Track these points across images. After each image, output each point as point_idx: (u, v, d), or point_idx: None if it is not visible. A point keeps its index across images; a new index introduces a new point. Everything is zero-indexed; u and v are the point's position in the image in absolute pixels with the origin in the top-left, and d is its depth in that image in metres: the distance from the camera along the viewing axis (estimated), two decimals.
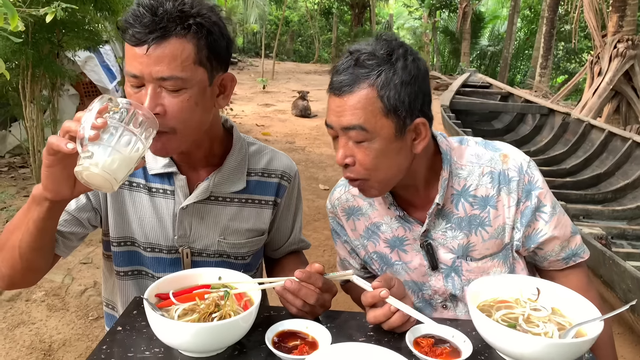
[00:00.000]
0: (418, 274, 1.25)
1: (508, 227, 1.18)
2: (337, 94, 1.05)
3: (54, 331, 2.58)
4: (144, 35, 0.96)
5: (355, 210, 1.28)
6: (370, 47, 1.05)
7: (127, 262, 1.23)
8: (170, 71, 0.97)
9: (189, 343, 0.93)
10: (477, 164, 1.18)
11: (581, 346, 0.93)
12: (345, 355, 0.93)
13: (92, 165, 0.84)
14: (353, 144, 1.07)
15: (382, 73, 1.02)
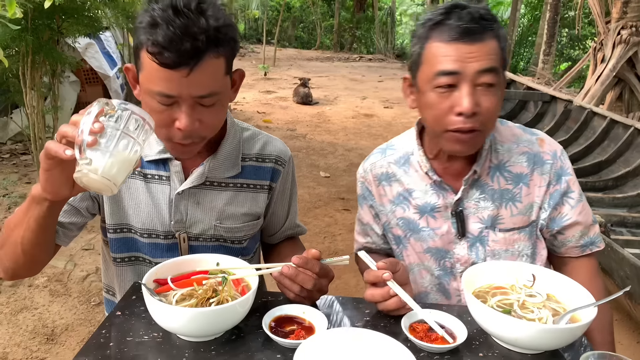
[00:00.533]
0: (444, 241, 1.29)
1: (536, 205, 1.25)
2: (466, 41, 1.08)
3: (56, 316, 2.61)
4: (183, 60, 0.95)
5: (389, 177, 1.32)
6: (478, 4, 1.12)
7: (124, 248, 1.24)
8: (209, 89, 1.01)
9: (186, 327, 0.95)
10: (515, 143, 1.25)
11: (574, 331, 0.95)
12: (341, 340, 0.94)
13: (92, 171, 0.84)
14: (481, 90, 1.10)
15: (499, 28, 1.11)
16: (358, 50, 20.40)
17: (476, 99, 1.09)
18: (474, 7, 1.10)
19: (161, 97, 1.00)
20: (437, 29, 1.11)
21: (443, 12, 1.11)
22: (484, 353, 1.00)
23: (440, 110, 1.12)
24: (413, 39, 1.17)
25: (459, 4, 1.11)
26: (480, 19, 1.08)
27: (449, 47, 1.09)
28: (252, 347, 0.98)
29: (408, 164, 1.30)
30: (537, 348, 0.98)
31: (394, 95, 10.12)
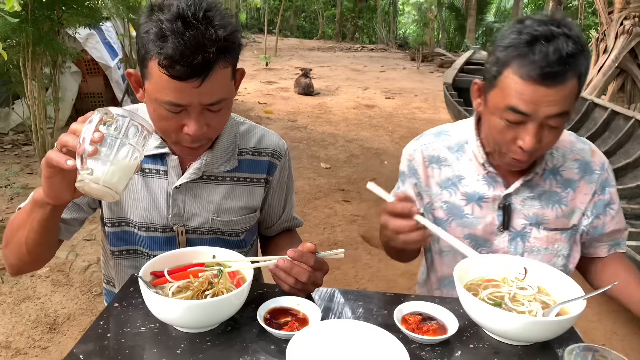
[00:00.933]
0: (485, 231, 1.31)
1: (579, 211, 1.30)
2: (544, 84, 1.04)
3: (58, 306, 2.64)
4: (194, 73, 0.96)
5: (440, 160, 1.34)
6: (560, 28, 1.04)
7: (121, 242, 1.26)
8: (218, 97, 1.03)
9: (182, 319, 0.97)
10: (569, 150, 1.29)
11: (563, 324, 0.96)
12: (333, 332, 0.96)
13: (93, 181, 0.86)
14: (547, 127, 1.10)
15: (584, 61, 1.05)
16: (360, 40, 20.30)
17: (540, 136, 1.10)
18: (562, 40, 1.02)
19: (171, 106, 1.02)
20: (518, 60, 1.05)
21: (528, 43, 1.04)
22: (475, 344, 1.02)
23: (503, 137, 1.14)
24: (491, 55, 1.13)
25: (546, 32, 1.03)
26: (568, 57, 1.02)
27: (526, 87, 1.05)
28: (247, 338, 1.00)
29: (462, 151, 1.32)
30: (526, 340, 1.00)
31: (395, 86, 10.09)
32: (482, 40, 19.51)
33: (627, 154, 4.54)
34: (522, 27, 1.07)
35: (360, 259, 3.39)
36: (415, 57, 13.60)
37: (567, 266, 1.33)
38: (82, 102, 5.88)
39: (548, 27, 1.04)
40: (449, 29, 20.16)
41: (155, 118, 1.07)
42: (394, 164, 5.40)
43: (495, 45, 1.12)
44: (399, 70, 12.58)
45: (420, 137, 1.39)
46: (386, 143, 6.14)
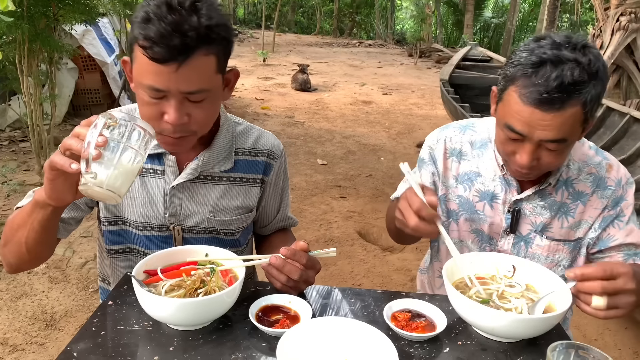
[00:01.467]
0: (492, 230, 1.33)
1: (586, 224, 1.30)
2: (541, 109, 1.04)
3: (55, 302, 2.66)
4: (172, 56, 0.97)
5: (461, 154, 1.35)
6: (572, 52, 1.02)
7: (118, 240, 1.28)
8: (197, 85, 1.02)
9: (174, 317, 0.98)
10: (586, 163, 1.28)
11: (548, 321, 0.98)
12: (323, 329, 0.97)
13: (96, 185, 0.88)
14: (544, 149, 1.10)
15: (592, 89, 1.03)
16: (358, 36, 20.28)
17: (537, 155, 1.11)
18: (569, 67, 1.01)
19: (151, 91, 1.02)
20: (522, 79, 1.06)
21: (534, 65, 1.04)
22: (463, 341, 1.03)
23: (504, 148, 1.17)
24: (503, 69, 1.13)
25: (555, 57, 1.02)
26: (570, 85, 1.01)
27: (524, 108, 1.05)
28: (239, 336, 1.02)
29: (484, 148, 1.32)
30: (513, 337, 1.02)
31: (392, 82, 10.10)
32: (480, 36, 19.51)
33: (622, 150, 4.56)
34: (534, 47, 1.06)
35: (356, 255, 3.41)
36: (413, 53, 13.59)
37: None
38: (79, 99, 5.88)
39: (560, 51, 1.02)
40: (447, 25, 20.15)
41: (139, 104, 1.08)
42: (391, 160, 5.43)
43: (509, 59, 1.12)
44: (396, 66, 12.58)
45: (446, 127, 1.39)
46: (383, 139, 6.15)
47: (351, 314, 1.12)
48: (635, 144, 4.39)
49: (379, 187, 4.62)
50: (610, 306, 0.96)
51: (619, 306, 0.97)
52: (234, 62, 11.12)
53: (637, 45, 6.38)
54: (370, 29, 21.07)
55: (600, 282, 0.95)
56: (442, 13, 19.43)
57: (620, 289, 0.95)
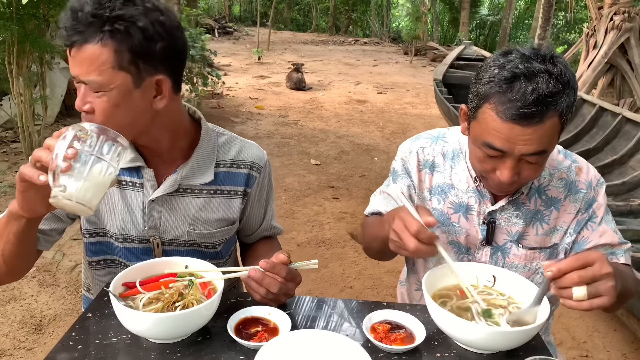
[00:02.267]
0: (468, 242, 1.32)
1: (561, 230, 1.29)
2: (521, 124, 1.02)
3: (44, 306, 2.65)
4: (67, 38, 1.00)
5: (434, 166, 1.33)
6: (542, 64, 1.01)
7: (99, 252, 1.27)
8: (87, 75, 1.01)
9: (151, 331, 0.98)
10: (556, 169, 1.28)
11: (525, 334, 0.98)
12: (301, 342, 0.97)
13: (66, 197, 0.87)
14: (525, 162, 1.09)
15: (566, 98, 1.02)
16: (354, 33, 20.25)
17: (518, 169, 1.10)
18: (542, 79, 1.00)
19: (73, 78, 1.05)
20: (497, 96, 1.03)
21: (507, 80, 1.02)
22: (442, 353, 1.04)
23: (482, 166, 1.14)
24: (473, 87, 1.11)
25: (527, 71, 1.01)
26: (547, 97, 0.99)
27: (502, 125, 1.03)
28: (217, 349, 1.01)
29: (457, 160, 1.31)
30: (491, 349, 1.02)
31: (387, 80, 10.10)
32: (476, 34, 19.51)
33: (614, 150, 4.57)
34: (504, 62, 1.04)
35: (347, 257, 3.41)
36: (408, 51, 13.59)
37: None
38: (72, 99, 5.85)
39: (531, 63, 1.01)
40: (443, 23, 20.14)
41: None
42: (384, 160, 5.43)
43: (478, 77, 1.09)
44: (391, 64, 12.58)
45: (417, 138, 1.37)
46: (377, 139, 6.16)
47: (332, 325, 1.12)
48: (628, 144, 4.40)
49: (372, 188, 4.62)
50: (592, 295, 0.93)
51: (601, 292, 0.94)
52: (229, 60, 11.10)
53: (631, 45, 6.40)
54: (366, 26, 21.05)
55: (577, 272, 0.93)
56: (438, 11, 19.42)
57: (598, 274, 0.93)
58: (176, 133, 1.20)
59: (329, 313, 1.17)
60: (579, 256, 0.95)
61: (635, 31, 6.34)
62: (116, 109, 1.05)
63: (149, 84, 1.07)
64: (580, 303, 0.94)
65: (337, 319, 1.14)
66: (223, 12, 19.64)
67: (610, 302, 0.95)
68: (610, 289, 0.94)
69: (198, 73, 6.28)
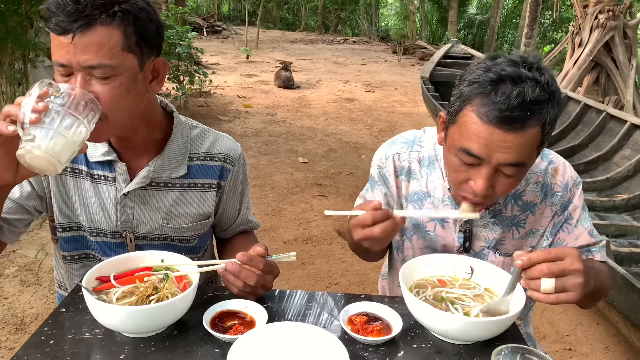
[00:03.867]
0: (445, 249, 1.31)
1: (538, 233, 1.28)
2: (502, 129, 0.98)
3: (26, 306, 2.62)
4: (68, 24, 0.95)
5: (410, 173, 1.30)
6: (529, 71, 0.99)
7: (73, 246, 1.25)
8: (98, 59, 0.97)
9: (125, 325, 0.97)
10: (532, 172, 1.24)
11: (501, 323, 0.98)
12: (277, 335, 0.97)
13: (35, 147, 0.85)
14: (502, 174, 1.05)
15: (550, 110, 0.99)
16: (343, 32, 20.26)
17: (493, 181, 1.05)
18: (529, 85, 0.97)
19: (57, 67, 1.00)
20: (480, 98, 1.00)
21: (493, 82, 0.99)
22: (418, 344, 1.03)
23: (457, 175, 1.10)
24: (456, 89, 1.07)
25: (514, 74, 0.98)
26: (531, 103, 0.96)
27: (483, 128, 0.99)
28: (193, 342, 1.00)
29: (432, 167, 1.28)
30: (466, 339, 1.02)
31: (376, 79, 10.11)
32: (464, 33, 19.61)
33: (598, 147, 4.61)
34: (491, 65, 1.01)
35: (334, 253, 3.41)
36: (397, 50, 13.62)
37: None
38: None
39: (518, 68, 0.98)
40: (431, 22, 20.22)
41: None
42: (372, 158, 5.43)
43: (462, 79, 1.06)
44: (380, 63, 12.60)
45: (393, 142, 1.34)
46: (364, 137, 6.16)
47: (309, 317, 1.12)
48: (612, 140, 4.45)
49: (360, 186, 4.62)
50: (559, 289, 0.93)
51: (568, 288, 0.94)
52: (217, 59, 11.05)
53: (615, 43, 6.47)
54: (355, 25, 21.06)
55: (547, 264, 0.93)
56: (427, 10, 19.49)
57: (567, 268, 0.93)
58: (151, 124, 1.19)
59: (307, 306, 1.16)
60: (551, 249, 0.95)
61: (619, 29, 6.41)
62: (127, 94, 1.03)
63: (149, 67, 1.08)
64: (547, 296, 0.94)
65: (315, 311, 1.14)
66: (212, 11, 19.55)
67: (576, 299, 0.95)
68: (578, 286, 0.94)
69: (185, 71, 6.24)
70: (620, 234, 3.36)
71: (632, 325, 2.20)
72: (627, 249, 3.07)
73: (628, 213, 3.72)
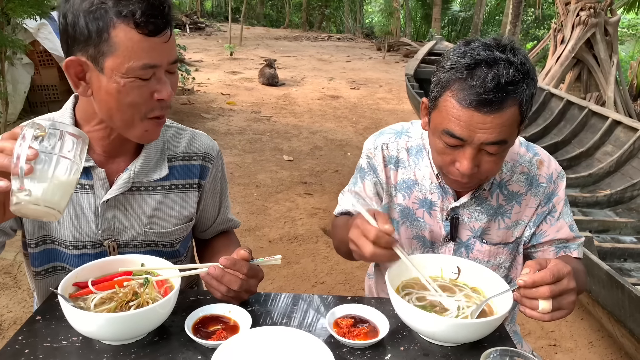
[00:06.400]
0: (432, 237, 1.32)
1: (522, 223, 1.30)
2: (481, 111, 1.01)
3: (4, 309, 2.55)
4: (163, 25, 0.98)
5: (398, 162, 1.32)
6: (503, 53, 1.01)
7: (45, 260, 1.20)
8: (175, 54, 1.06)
9: (103, 332, 0.93)
10: (517, 162, 1.27)
11: (488, 325, 0.97)
12: (260, 340, 0.94)
13: (32, 202, 0.79)
14: (485, 154, 1.07)
15: (526, 89, 1.02)
16: (327, 29, 20.23)
17: (477, 161, 1.08)
18: (503, 67, 0.99)
19: (144, 70, 0.99)
20: (458, 82, 1.03)
21: (468, 67, 1.01)
22: (405, 347, 1.02)
23: (442, 158, 1.12)
24: (434, 76, 1.10)
25: (488, 58, 1.00)
26: (507, 85, 0.99)
27: (463, 112, 1.02)
28: (175, 349, 0.98)
29: (420, 155, 1.29)
30: (454, 341, 1.01)
31: (360, 76, 10.10)
32: (448, 30, 19.71)
33: (580, 143, 4.67)
34: (466, 50, 1.04)
35: (320, 252, 3.39)
36: (381, 47, 13.63)
37: (509, 276, 1.34)
38: (35, 95, 5.67)
39: (492, 52, 1.01)
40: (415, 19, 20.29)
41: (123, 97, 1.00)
42: (357, 155, 5.40)
43: (440, 65, 1.09)
44: (365, 60, 12.60)
45: (381, 133, 1.36)
46: (350, 134, 6.15)
47: (294, 320, 1.09)
48: (594, 136, 4.50)
49: (345, 183, 4.54)
50: (555, 308, 0.95)
51: (563, 307, 0.96)
52: (200, 56, 10.95)
53: (597, 40, 6.54)
54: (340, 22, 21.05)
55: (549, 287, 0.93)
56: (411, 7, 19.55)
57: (565, 289, 0.95)
58: None
59: (292, 309, 1.14)
60: (552, 270, 0.94)
61: (600, 26, 6.48)
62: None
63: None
64: (543, 315, 0.95)
65: (300, 315, 1.12)
66: (194, 8, 19.37)
67: (568, 314, 0.97)
68: (571, 303, 0.97)
69: None
70: (603, 230, 3.40)
71: (615, 320, 2.22)
72: (609, 244, 3.11)
73: (610, 208, 3.77)
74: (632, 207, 3.73)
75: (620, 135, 4.33)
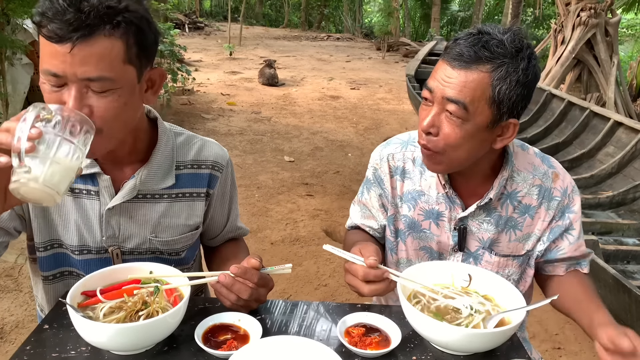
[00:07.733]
0: (440, 247, 1.30)
1: (534, 237, 1.27)
2: (451, 65, 1.05)
3: (6, 313, 2.53)
4: (67, 33, 0.87)
5: (404, 173, 1.30)
6: (501, 34, 1.05)
7: (54, 265, 1.19)
8: (98, 72, 0.91)
9: (113, 342, 0.92)
10: (531, 174, 1.24)
11: (502, 335, 0.96)
12: (272, 350, 0.93)
13: (31, 180, 0.79)
14: (445, 116, 1.08)
15: (504, 65, 1.03)
16: (326, 29, 20.22)
17: (436, 121, 1.08)
18: (492, 34, 1.04)
19: (48, 77, 0.92)
20: (451, 43, 1.09)
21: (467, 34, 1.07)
22: (418, 356, 1.01)
23: (420, 126, 1.14)
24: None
25: (485, 28, 1.06)
26: (483, 48, 1.02)
27: (441, 66, 1.07)
28: (184, 358, 0.96)
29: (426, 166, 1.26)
30: (467, 350, 1.00)
31: (360, 76, 10.09)
32: (447, 29, 19.71)
33: (582, 144, 4.66)
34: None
35: (322, 254, 3.37)
36: (381, 47, 13.62)
37: (518, 289, 1.33)
38: (35, 96, 5.63)
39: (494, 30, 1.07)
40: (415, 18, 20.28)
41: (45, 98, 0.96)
42: (358, 156, 5.42)
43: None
44: (364, 60, 12.59)
45: (388, 143, 1.35)
46: (350, 135, 6.14)
47: (304, 329, 1.08)
48: (595, 137, 4.49)
49: (346, 184, 4.60)
50: None
51: None
52: (200, 56, 10.93)
53: (597, 40, 6.54)
54: (339, 22, 21.04)
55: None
56: (410, 7, 19.54)
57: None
58: (137, 133, 1.12)
59: (302, 317, 1.12)
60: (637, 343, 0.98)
61: (601, 27, 6.48)
62: (125, 107, 0.97)
63: (145, 77, 1.02)
64: None
65: (310, 323, 1.10)
66: (193, 7, 19.33)
67: None
68: None
69: (167, 69, 6.14)
70: (606, 231, 3.40)
71: (621, 324, 2.21)
72: (612, 246, 3.11)
73: (612, 210, 3.76)
74: (634, 208, 3.72)
75: (622, 136, 4.32)
